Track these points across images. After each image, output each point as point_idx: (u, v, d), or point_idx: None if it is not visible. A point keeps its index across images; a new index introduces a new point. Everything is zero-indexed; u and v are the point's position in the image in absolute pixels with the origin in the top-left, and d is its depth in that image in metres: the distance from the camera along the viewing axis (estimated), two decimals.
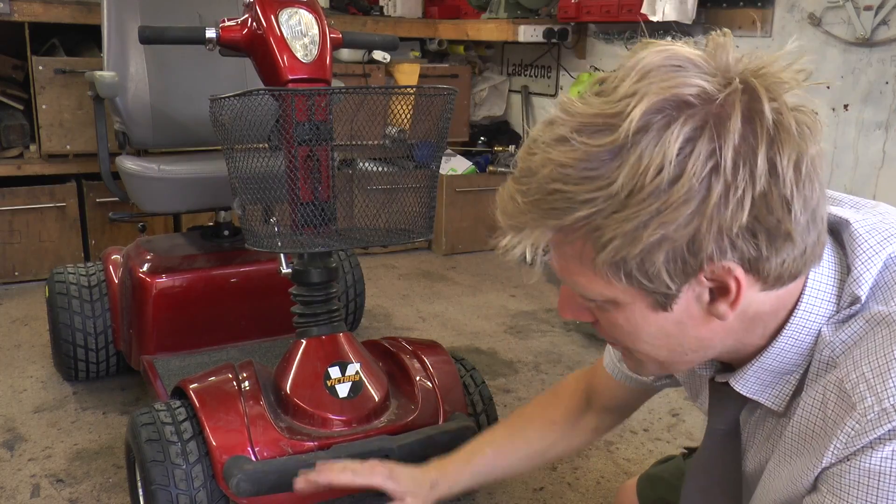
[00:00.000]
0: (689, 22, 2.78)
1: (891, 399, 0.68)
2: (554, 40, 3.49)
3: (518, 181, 0.72)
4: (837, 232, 0.80)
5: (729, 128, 0.65)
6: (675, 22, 2.79)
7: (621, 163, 0.66)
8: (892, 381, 0.69)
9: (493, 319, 2.94)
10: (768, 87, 0.67)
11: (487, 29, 3.60)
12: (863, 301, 0.75)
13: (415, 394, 1.63)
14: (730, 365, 0.87)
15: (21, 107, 3.14)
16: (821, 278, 0.77)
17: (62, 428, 2.09)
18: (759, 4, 2.70)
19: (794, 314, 0.77)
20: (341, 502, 1.79)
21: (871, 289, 0.75)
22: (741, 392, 0.84)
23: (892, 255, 0.77)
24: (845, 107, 2.50)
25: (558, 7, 3.42)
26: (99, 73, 2.21)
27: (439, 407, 1.62)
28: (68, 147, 3.07)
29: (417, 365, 1.69)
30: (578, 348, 2.69)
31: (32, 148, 3.12)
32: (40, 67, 2.95)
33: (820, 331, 0.77)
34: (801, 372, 0.80)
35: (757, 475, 0.89)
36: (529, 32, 3.42)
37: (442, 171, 3.67)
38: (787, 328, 0.77)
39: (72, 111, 3.03)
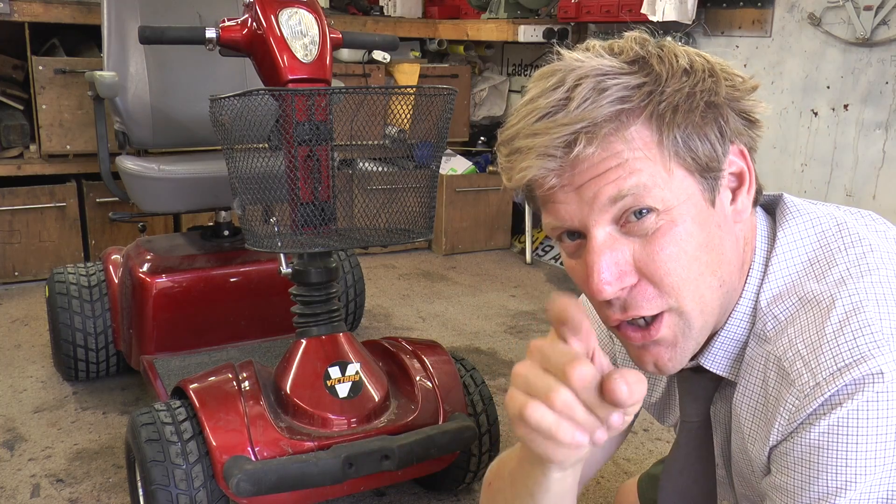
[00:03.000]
0: (689, 22, 2.78)
1: (823, 373, 0.72)
2: (554, 40, 3.49)
3: (553, 115, 0.75)
4: (773, 206, 0.88)
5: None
6: (675, 22, 2.79)
7: (647, 61, 0.76)
8: (824, 357, 0.73)
9: (493, 319, 2.95)
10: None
11: (487, 29, 3.60)
12: (776, 254, 0.82)
13: (415, 394, 1.63)
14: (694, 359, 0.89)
15: (21, 107, 3.14)
16: (761, 244, 0.84)
17: (62, 428, 2.09)
18: (759, 4, 2.70)
19: (750, 275, 0.83)
20: (341, 502, 1.79)
21: (806, 262, 0.81)
22: (710, 368, 0.86)
23: (824, 232, 0.82)
24: (845, 107, 2.51)
25: (558, 7, 3.42)
26: (99, 73, 2.21)
27: (439, 407, 1.62)
28: (68, 147, 3.07)
29: (417, 365, 1.69)
30: None
31: (32, 148, 3.12)
32: (40, 67, 2.95)
33: (759, 303, 0.82)
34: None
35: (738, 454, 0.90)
36: (529, 32, 3.42)
37: (442, 171, 3.67)
38: (743, 293, 0.83)
39: (72, 111, 3.04)
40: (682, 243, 0.76)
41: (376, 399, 1.59)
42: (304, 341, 1.61)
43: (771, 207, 0.88)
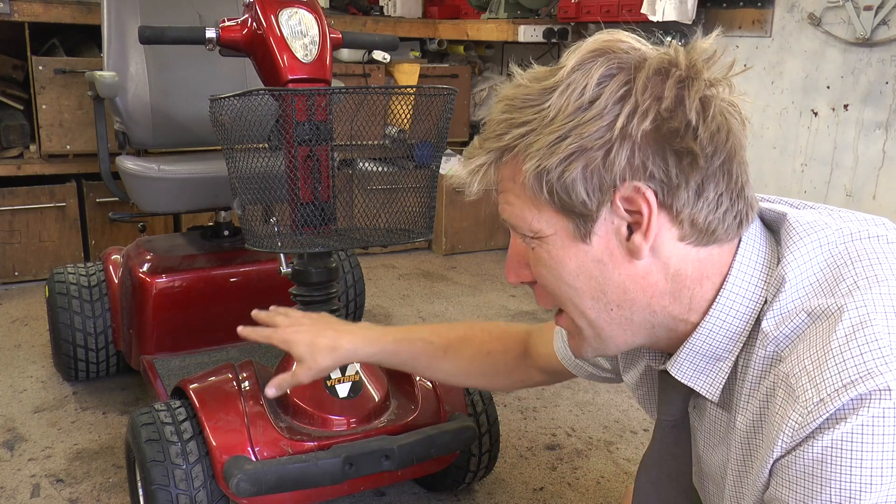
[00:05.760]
0: (689, 22, 2.78)
1: (828, 388, 0.70)
2: (554, 40, 3.49)
3: (482, 135, 0.85)
4: (776, 226, 0.85)
5: (645, 67, 0.77)
6: (675, 22, 2.79)
7: (555, 93, 0.78)
8: (829, 372, 0.71)
9: (493, 319, 2.94)
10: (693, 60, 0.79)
11: (487, 29, 3.60)
12: (787, 280, 0.79)
13: (415, 394, 1.63)
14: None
15: (21, 107, 3.14)
16: (749, 262, 0.81)
17: (62, 428, 2.09)
18: (759, 4, 2.71)
19: (721, 293, 0.81)
20: (341, 502, 1.79)
21: (815, 283, 0.78)
22: (676, 377, 0.86)
23: (833, 252, 0.80)
24: (845, 107, 2.51)
25: (558, 7, 3.42)
26: (99, 73, 2.21)
27: (439, 407, 1.62)
28: (68, 147, 3.07)
29: None
30: None
31: (32, 148, 3.12)
32: (40, 67, 2.95)
33: (761, 326, 0.80)
34: (733, 360, 0.83)
35: (722, 469, 0.90)
36: (529, 32, 3.42)
37: (442, 171, 3.66)
38: (714, 307, 0.81)
39: (72, 111, 3.04)
40: (550, 268, 0.84)
41: (376, 399, 1.59)
42: None
43: (773, 224, 0.85)
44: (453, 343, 1.27)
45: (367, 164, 1.69)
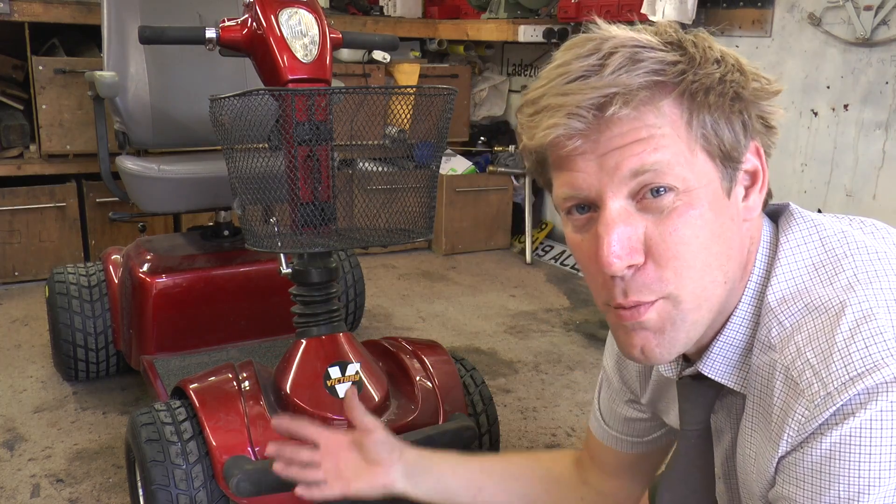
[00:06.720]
0: (689, 22, 2.78)
1: (834, 382, 0.70)
2: (554, 40, 3.49)
3: (586, 78, 0.74)
4: (777, 214, 0.86)
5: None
6: (675, 22, 2.79)
7: (682, 44, 0.77)
8: (835, 366, 0.71)
9: (493, 319, 2.94)
10: None
11: (487, 29, 3.60)
12: (782, 253, 0.80)
13: (415, 394, 1.63)
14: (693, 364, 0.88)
15: (21, 107, 3.14)
16: (763, 248, 0.82)
17: (62, 428, 2.09)
18: (759, 4, 2.71)
19: (748, 285, 0.81)
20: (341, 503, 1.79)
21: (811, 266, 0.79)
22: (709, 374, 0.84)
23: (829, 237, 0.80)
24: (845, 107, 2.50)
25: (558, 7, 3.42)
26: (99, 73, 2.21)
27: (439, 407, 1.62)
28: (68, 147, 3.07)
29: (417, 365, 1.69)
30: (578, 348, 2.69)
31: (32, 148, 3.12)
32: (40, 67, 2.95)
33: (765, 300, 0.79)
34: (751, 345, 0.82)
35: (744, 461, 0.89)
36: (529, 32, 3.42)
37: (442, 171, 3.67)
38: (743, 297, 0.81)
39: (72, 111, 3.04)
40: (696, 228, 0.74)
41: (376, 399, 1.59)
42: (304, 341, 1.61)
43: (775, 215, 0.86)
44: (510, 473, 1.17)
45: (367, 164, 1.69)
